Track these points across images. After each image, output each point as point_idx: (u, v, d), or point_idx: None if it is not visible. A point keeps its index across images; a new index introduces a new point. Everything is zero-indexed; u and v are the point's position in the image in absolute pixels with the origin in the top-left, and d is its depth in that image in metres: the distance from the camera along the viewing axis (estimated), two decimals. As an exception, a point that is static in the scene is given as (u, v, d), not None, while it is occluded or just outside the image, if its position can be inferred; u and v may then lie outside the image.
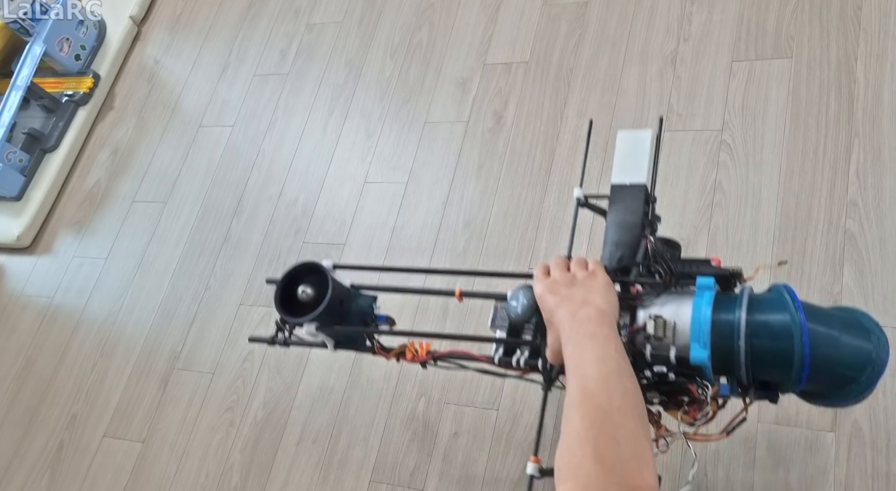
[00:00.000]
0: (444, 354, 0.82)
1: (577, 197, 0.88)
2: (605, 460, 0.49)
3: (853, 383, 0.64)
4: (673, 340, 0.66)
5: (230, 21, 2.08)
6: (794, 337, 0.62)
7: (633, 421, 0.54)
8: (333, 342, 0.84)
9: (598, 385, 0.56)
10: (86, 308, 1.78)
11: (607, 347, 0.60)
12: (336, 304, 0.80)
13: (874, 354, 0.63)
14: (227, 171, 1.83)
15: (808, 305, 0.66)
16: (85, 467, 1.57)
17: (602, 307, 0.65)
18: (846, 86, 1.35)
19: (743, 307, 0.65)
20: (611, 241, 0.80)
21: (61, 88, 2.05)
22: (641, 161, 0.86)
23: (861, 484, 1.07)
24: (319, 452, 1.40)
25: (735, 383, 0.66)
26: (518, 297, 0.74)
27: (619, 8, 1.62)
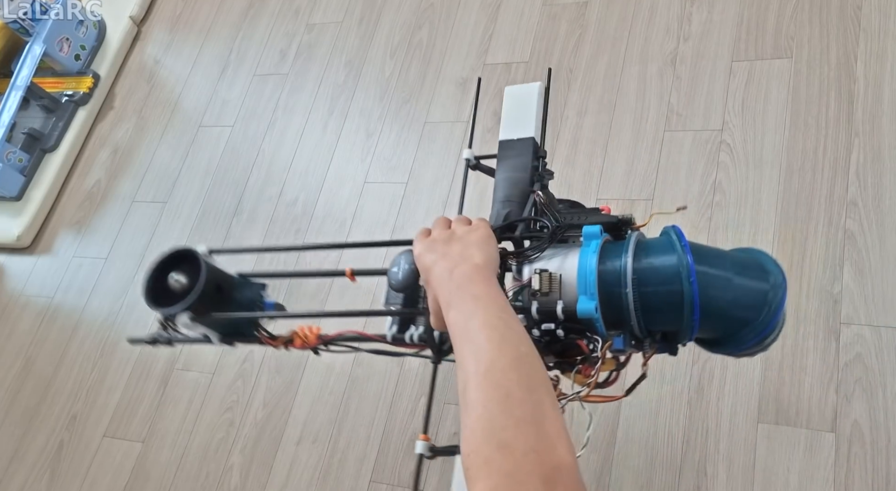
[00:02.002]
0: (334, 337, 0.76)
1: (467, 158, 0.84)
2: (514, 449, 0.44)
3: (749, 325, 0.60)
4: (560, 294, 0.62)
5: (230, 21, 2.08)
6: (682, 279, 0.58)
7: (537, 391, 0.48)
8: (218, 335, 0.78)
9: (492, 357, 0.50)
10: (86, 308, 1.78)
11: (493, 309, 0.55)
12: (212, 291, 0.73)
13: (770, 294, 0.60)
14: (227, 171, 1.83)
15: (697, 245, 0.62)
16: (85, 467, 1.57)
17: (479, 262, 0.60)
18: (846, 85, 1.35)
19: (629, 253, 0.61)
20: (498, 198, 0.76)
21: (61, 88, 2.05)
22: (529, 114, 0.81)
23: (861, 484, 1.07)
24: (319, 452, 1.40)
25: (629, 336, 0.62)
26: (399, 262, 0.70)
27: (619, 8, 1.62)
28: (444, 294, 0.58)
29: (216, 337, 0.78)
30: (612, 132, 1.49)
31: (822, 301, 1.20)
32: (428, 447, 0.67)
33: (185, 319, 0.73)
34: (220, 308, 0.75)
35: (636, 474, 1.18)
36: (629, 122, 1.48)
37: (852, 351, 1.15)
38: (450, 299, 0.57)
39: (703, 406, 1.19)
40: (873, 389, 1.12)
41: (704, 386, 1.21)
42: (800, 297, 1.21)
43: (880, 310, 1.17)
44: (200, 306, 0.73)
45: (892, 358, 1.13)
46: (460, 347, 0.53)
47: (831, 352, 1.16)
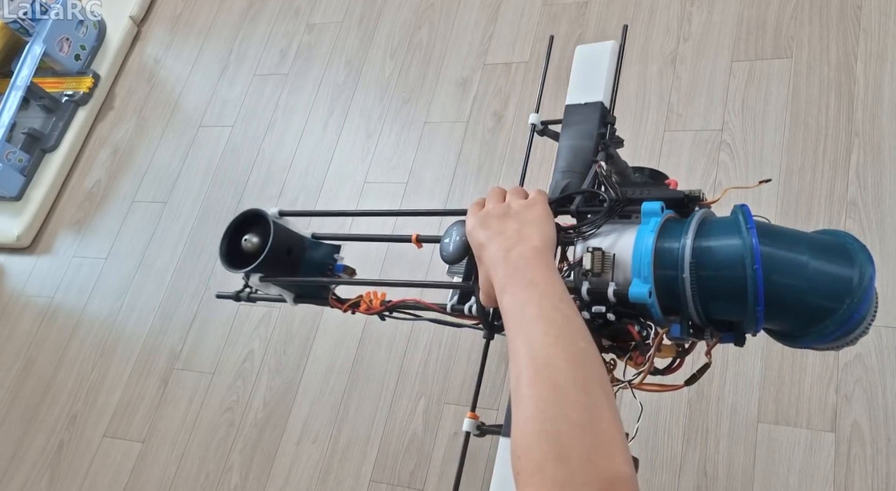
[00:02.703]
0: (396, 304, 0.74)
1: (533, 123, 0.79)
2: (569, 457, 0.41)
3: (830, 317, 0.53)
4: (612, 276, 0.57)
5: (230, 21, 2.08)
6: (745, 264, 0.52)
7: (595, 392, 0.45)
8: (292, 295, 0.78)
9: (548, 353, 0.47)
10: (86, 308, 1.78)
11: (551, 298, 0.51)
12: (282, 252, 0.74)
13: (855, 280, 0.52)
14: (227, 171, 1.83)
15: (769, 226, 0.56)
16: (85, 467, 1.57)
17: (537, 244, 0.56)
18: (846, 85, 1.35)
19: (689, 233, 0.55)
20: (559, 168, 0.70)
21: (61, 88, 2.05)
22: (599, 77, 0.75)
23: (861, 484, 1.07)
24: (319, 452, 1.40)
25: (686, 324, 0.57)
26: (451, 233, 0.65)
27: (619, 8, 1.62)
28: (498, 276, 0.55)
29: (290, 297, 0.79)
30: (612, 132, 1.49)
31: (822, 301, 1.20)
32: (476, 425, 0.64)
33: (255, 279, 0.74)
34: (290, 269, 0.76)
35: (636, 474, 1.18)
36: (629, 122, 1.48)
37: (852, 351, 1.15)
38: (504, 283, 0.54)
39: (703, 406, 1.19)
40: (873, 389, 1.12)
41: (704, 386, 1.21)
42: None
43: (880, 310, 1.16)
44: (271, 267, 0.74)
45: (892, 358, 1.13)
46: (514, 337, 0.50)
47: (831, 352, 1.16)
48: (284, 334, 1.54)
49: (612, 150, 0.71)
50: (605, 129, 0.72)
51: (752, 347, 1.20)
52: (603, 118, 0.73)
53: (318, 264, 0.81)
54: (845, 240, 0.56)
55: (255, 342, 1.56)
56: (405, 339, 1.44)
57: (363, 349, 1.46)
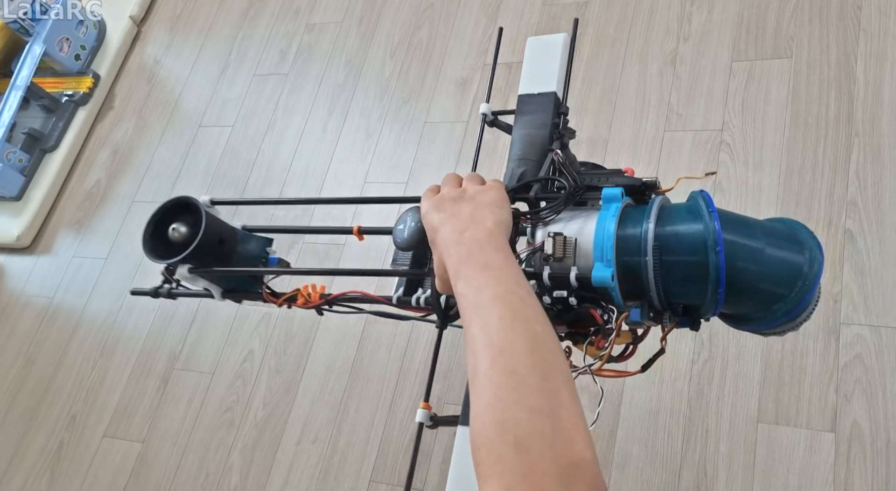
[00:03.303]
0: (337, 297, 0.72)
1: (483, 112, 0.79)
2: (529, 446, 0.40)
3: (781, 301, 0.55)
4: (574, 260, 0.57)
5: (230, 21, 2.08)
6: (708, 249, 0.53)
7: (554, 377, 0.44)
8: (220, 290, 0.75)
9: (505, 337, 0.46)
10: (86, 308, 1.78)
11: (506, 282, 0.50)
12: (213, 243, 0.70)
13: (805, 267, 0.55)
14: (227, 171, 1.83)
15: (727, 213, 0.57)
16: (85, 467, 1.57)
17: (491, 226, 0.55)
18: (846, 85, 1.35)
19: (651, 218, 0.56)
20: (514, 157, 0.70)
21: (61, 88, 2.05)
22: (552, 67, 0.75)
23: (861, 484, 1.07)
24: (319, 452, 1.40)
25: (647, 308, 0.57)
26: (405, 220, 0.64)
27: (619, 8, 1.62)
28: (452, 260, 0.54)
29: (218, 292, 0.75)
30: (612, 132, 1.49)
31: (821, 301, 1.19)
32: (429, 416, 0.64)
33: (183, 271, 0.70)
34: (221, 262, 0.72)
35: (636, 474, 1.18)
36: (629, 122, 1.48)
37: (852, 351, 1.15)
38: (458, 267, 0.53)
39: (703, 406, 1.19)
40: (873, 389, 1.12)
41: (704, 386, 1.21)
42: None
43: (880, 310, 1.17)
44: (200, 259, 0.70)
45: (892, 358, 1.13)
46: (470, 323, 0.49)
47: (831, 352, 1.16)
48: (284, 334, 1.54)
49: (566, 140, 0.71)
50: (559, 119, 0.72)
51: (752, 347, 1.21)
52: (556, 108, 0.74)
53: (251, 258, 0.77)
54: (796, 228, 0.58)
55: (254, 342, 1.56)
56: (405, 339, 1.44)
57: (363, 349, 1.46)
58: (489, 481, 0.41)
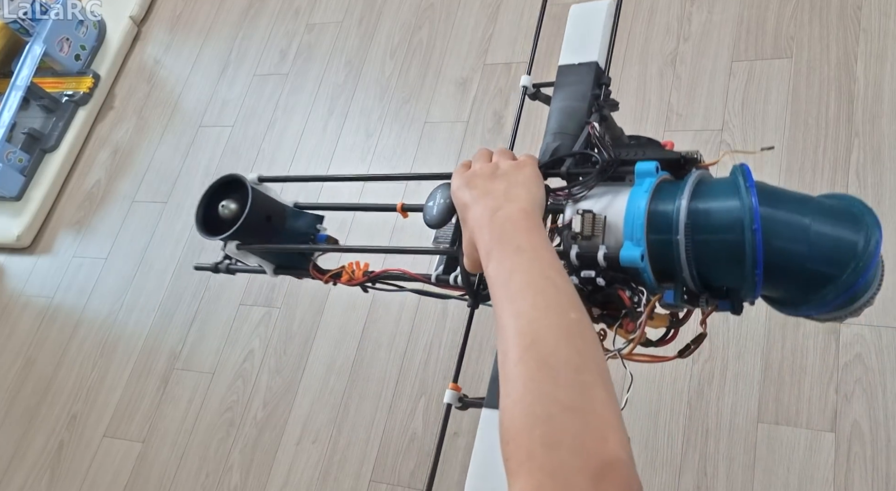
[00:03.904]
0: (379, 274, 0.71)
1: (524, 85, 0.75)
2: (561, 443, 0.39)
3: (831, 283, 0.50)
4: (603, 239, 0.54)
5: (230, 21, 2.07)
6: (743, 227, 0.49)
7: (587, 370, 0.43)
8: (272, 266, 0.75)
9: (537, 327, 0.44)
10: (86, 308, 1.78)
11: (540, 265, 0.48)
12: (261, 220, 0.71)
13: (860, 246, 0.49)
14: (226, 171, 1.81)
15: (770, 187, 0.52)
16: (85, 467, 1.57)
17: (526, 206, 0.52)
18: (846, 85, 1.35)
19: (685, 194, 0.52)
20: (550, 130, 0.67)
21: (61, 88, 2.05)
22: (594, 36, 0.72)
23: (861, 484, 1.07)
24: (319, 452, 1.40)
25: (681, 290, 0.53)
26: (435, 196, 0.62)
27: (619, 8, 1.62)
28: (483, 240, 0.51)
29: (270, 268, 0.75)
30: (612, 132, 1.49)
31: (822, 301, 1.20)
32: (458, 397, 0.62)
33: (232, 247, 0.70)
34: (269, 238, 0.73)
35: (636, 474, 1.18)
36: (629, 122, 1.48)
37: (852, 351, 1.15)
38: (490, 248, 0.50)
39: (704, 406, 1.19)
40: (873, 388, 1.12)
41: (704, 386, 1.21)
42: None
43: (880, 310, 1.17)
44: (248, 235, 0.71)
45: (892, 358, 1.13)
46: (501, 308, 0.47)
47: (831, 352, 1.16)
48: (284, 334, 1.54)
49: (607, 113, 0.67)
50: (600, 91, 0.69)
51: (752, 347, 1.20)
52: (597, 79, 0.70)
53: (300, 234, 0.77)
54: (851, 203, 0.54)
55: (254, 342, 1.56)
56: (405, 339, 1.44)
57: (363, 349, 1.46)
58: (518, 477, 0.39)
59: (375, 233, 1.55)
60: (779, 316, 1.20)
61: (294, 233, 0.77)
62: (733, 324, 1.22)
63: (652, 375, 1.24)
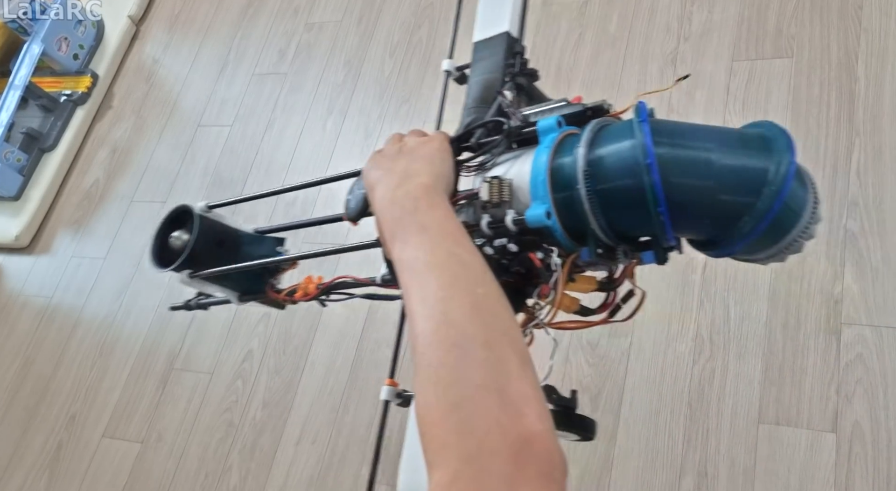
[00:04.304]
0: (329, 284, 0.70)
1: (446, 69, 0.74)
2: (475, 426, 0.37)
3: (746, 213, 0.46)
4: (512, 203, 0.52)
5: (229, 20, 2.07)
6: (639, 168, 0.47)
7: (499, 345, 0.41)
8: (235, 294, 0.75)
9: (445, 308, 0.42)
10: (84, 308, 1.77)
11: (445, 242, 0.46)
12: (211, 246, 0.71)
13: (772, 170, 0.46)
14: (225, 171, 1.82)
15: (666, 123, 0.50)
16: (84, 467, 1.56)
17: (426, 180, 0.50)
18: (847, 85, 1.35)
19: (583, 143, 0.49)
20: (467, 105, 0.65)
21: (59, 88, 2.05)
22: (504, 7, 0.71)
23: (862, 484, 1.07)
24: (319, 453, 1.40)
25: (594, 244, 0.50)
26: (353, 189, 0.60)
27: (620, 7, 1.62)
28: (387, 221, 0.49)
29: (234, 296, 0.75)
30: (613, 132, 1.48)
31: (823, 301, 1.19)
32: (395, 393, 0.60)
33: (184, 276, 0.69)
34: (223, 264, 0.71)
35: (636, 475, 1.18)
36: (629, 122, 1.48)
37: (853, 351, 1.15)
38: (394, 229, 0.48)
39: (704, 406, 1.19)
40: (874, 389, 1.12)
41: (705, 386, 1.20)
42: (801, 296, 1.21)
43: (881, 310, 1.16)
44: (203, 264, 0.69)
45: (893, 358, 1.13)
46: (408, 292, 0.45)
47: (832, 352, 1.16)
48: (283, 334, 1.54)
49: (523, 81, 0.65)
50: (514, 59, 0.67)
51: (753, 347, 1.20)
52: (510, 48, 0.68)
53: (259, 259, 0.77)
54: (765, 128, 0.51)
55: (253, 342, 1.56)
56: (405, 338, 1.43)
57: (362, 349, 1.46)
58: (436, 469, 0.38)
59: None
60: (779, 316, 1.20)
61: (253, 257, 0.76)
62: (734, 324, 1.22)
63: (652, 376, 1.24)
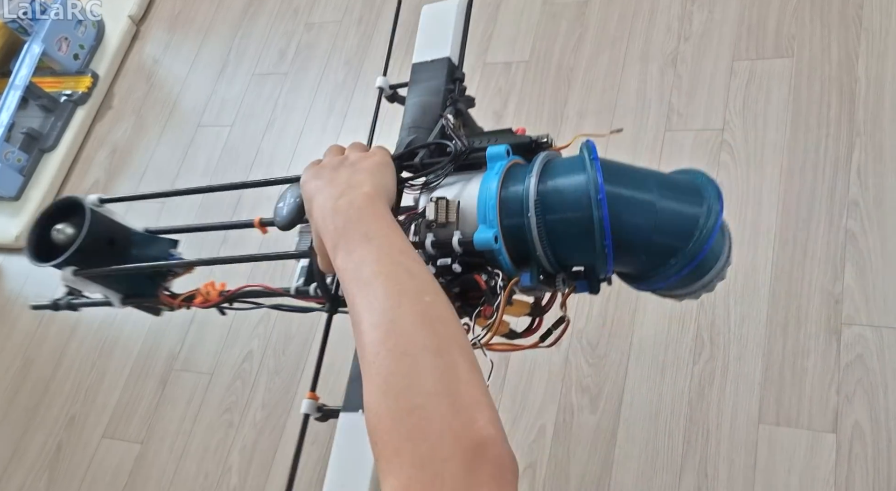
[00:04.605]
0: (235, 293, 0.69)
1: (380, 86, 0.76)
2: (427, 432, 0.37)
3: (676, 254, 0.52)
4: (458, 225, 0.54)
5: (229, 20, 2.07)
6: (591, 203, 0.50)
7: (449, 351, 0.41)
8: (119, 296, 0.71)
9: (392, 316, 0.42)
10: (84, 308, 1.77)
11: (389, 251, 0.46)
12: (102, 244, 0.67)
13: (702, 218, 0.52)
14: (225, 171, 1.82)
15: (616, 164, 0.54)
16: (83, 468, 1.56)
17: (370, 190, 0.51)
18: (847, 85, 1.35)
19: (534, 174, 0.53)
20: (405, 125, 0.68)
21: (60, 88, 2.04)
22: (446, 33, 0.74)
23: (862, 485, 1.07)
24: (319, 453, 1.40)
25: (537, 270, 0.54)
26: (286, 197, 0.60)
27: (620, 6, 1.62)
28: (329, 232, 0.50)
29: (117, 298, 0.72)
30: (613, 132, 1.48)
31: (823, 301, 1.19)
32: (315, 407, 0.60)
33: (67, 274, 0.66)
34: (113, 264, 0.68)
35: (636, 475, 1.18)
36: (629, 122, 1.48)
37: (853, 351, 1.15)
38: (336, 239, 0.49)
39: (704, 407, 1.19)
40: (874, 389, 1.12)
41: (705, 387, 1.20)
42: (801, 297, 1.21)
43: (882, 310, 1.16)
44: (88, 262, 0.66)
45: (894, 358, 1.13)
46: (353, 301, 0.45)
47: (832, 352, 1.16)
48: (283, 335, 1.54)
49: (462, 108, 0.68)
50: (454, 85, 0.70)
51: (753, 347, 1.20)
52: (451, 74, 0.71)
53: (150, 260, 0.74)
54: (695, 176, 0.57)
55: (253, 343, 1.55)
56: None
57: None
58: (388, 477, 0.37)
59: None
60: (779, 316, 1.19)
61: (143, 259, 0.73)
62: (734, 325, 1.22)
63: (652, 376, 1.23)
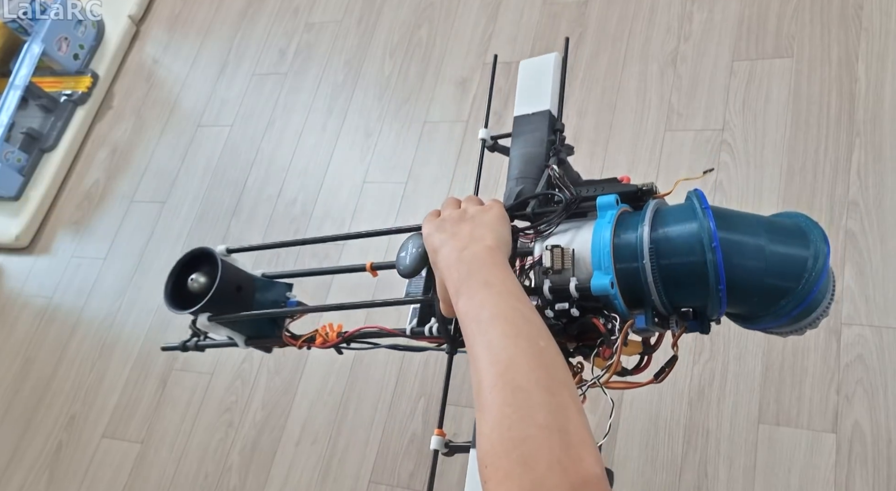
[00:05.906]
0: (353, 334, 0.74)
1: (482, 138, 0.80)
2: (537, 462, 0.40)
3: (787, 296, 0.54)
4: (574, 271, 0.57)
5: (229, 20, 2.07)
6: (704, 248, 0.53)
7: (560, 392, 0.44)
8: (243, 337, 0.77)
9: (509, 354, 0.46)
10: (84, 308, 1.77)
11: (508, 298, 0.50)
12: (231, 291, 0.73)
13: (810, 261, 0.54)
14: (225, 171, 1.82)
15: (724, 210, 0.57)
16: (83, 468, 1.56)
17: (491, 244, 0.55)
18: (847, 85, 1.35)
19: (646, 222, 0.56)
20: (512, 176, 0.71)
21: (60, 88, 2.04)
22: (545, 86, 0.77)
23: (862, 485, 1.07)
24: (318, 453, 1.40)
25: (651, 314, 0.57)
26: (407, 246, 0.65)
27: (620, 7, 1.62)
28: (452, 279, 0.54)
29: (241, 339, 0.77)
30: (613, 132, 1.48)
31: (823, 301, 1.19)
32: (443, 443, 0.63)
33: (203, 320, 0.72)
34: (239, 309, 0.74)
35: (637, 475, 1.18)
36: (630, 122, 1.48)
37: (853, 351, 1.15)
38: (459, 286, 0.53)
39: (704, 407, 1.19)
40: (874, 389, 1.12)
41: (705, 387, 1.20)
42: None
43: (881, 310, 1.16)
44: (219, 307, 0.72)
45: (894, 358, 1.13)
46: (472, 341, 0.49)
47: (832, 352, 1.16)
48: (283, 335, 1.54)
49: (564, 156, 0.72)
50: (555, 136, 0.74)
51: (752, 347, 1.20)
52: (552, 125, 0.75)
53: (270, 303, 0.79)
54: (799, 220, 0.58)
55: (254, 343, 1.55)
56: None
57: (362, 350, 1.45)
58: None
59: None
60: (780, 316, 1.19)
61: (264, 303, 0.79)
62: (734, 324, 1.22)
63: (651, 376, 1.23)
